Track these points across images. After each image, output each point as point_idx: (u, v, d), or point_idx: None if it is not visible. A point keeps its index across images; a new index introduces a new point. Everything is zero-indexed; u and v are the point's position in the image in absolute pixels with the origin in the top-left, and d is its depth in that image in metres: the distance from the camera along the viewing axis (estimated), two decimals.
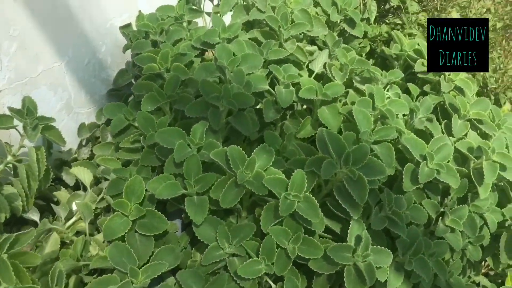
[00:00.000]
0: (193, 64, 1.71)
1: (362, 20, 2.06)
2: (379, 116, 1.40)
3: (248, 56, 1.53)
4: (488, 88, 2.22)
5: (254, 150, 1.22)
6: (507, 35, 2.44)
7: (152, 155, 1.38)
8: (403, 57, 1.85)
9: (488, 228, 1.45)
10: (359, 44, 2.09)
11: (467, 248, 1.46)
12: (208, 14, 1.98)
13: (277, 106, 1.48)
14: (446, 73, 1.72)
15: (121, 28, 1.84)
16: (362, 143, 1.27)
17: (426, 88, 1.75)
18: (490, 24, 2.45)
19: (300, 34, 1.77)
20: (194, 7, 1.91)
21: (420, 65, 1.74)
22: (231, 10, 1.85)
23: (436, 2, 2.14)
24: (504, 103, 2.13)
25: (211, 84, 1.36)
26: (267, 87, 1.51)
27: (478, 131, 1.64)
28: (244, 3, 1.83)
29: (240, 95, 1.35)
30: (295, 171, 1.17)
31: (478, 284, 1.68)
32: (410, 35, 2.04)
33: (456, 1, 2.15)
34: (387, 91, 1.53)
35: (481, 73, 2.12)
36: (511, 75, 2.23)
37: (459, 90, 1.72)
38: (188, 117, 1.40)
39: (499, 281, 1.74)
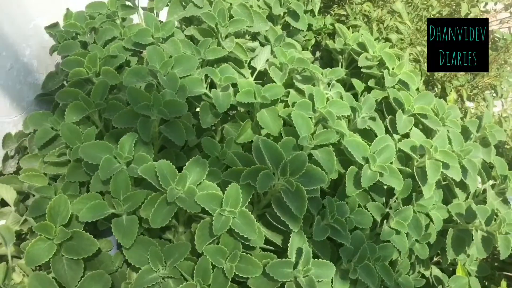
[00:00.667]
0: (129, 65, 1.60)
1: (306, 12, 1.98)
2: (320, 118, 1.33)
3: (182, 57, 1.42)
4: (434, 78, 2.19)
5: (186, 164, 1.13)
6: None
7: (80, 169, 1.26)
8: (347, 51, 1.79)
9: (433, 223, 1.41)
10: (304, 37, 2.02)
11: (414, 246, 1.43)
12: (145, 9, 1.86)
13: (215, 110, 1.38)
14: (390, 67, 1.67)
15: (47, 28, 1.68)
16: (301, 150, 1.20)
17: (371, 83, 1.70)
18: (435, 11, 2.43)
19: (240, 30, 1.68)
20: (127, 3, 1.78)
21: (364, 59, 1.69)
22: (167, 5, 1.73)
23: None
24: (450, 92, 2.11)
25: (140, 92, 1.25)
26: (204, 90, 1.41)
27: (423, 126, 1.61)
28: None
29: (172, 102, 1.25)
30: (229, 185, 1.09)
31: (428, 277, 1.66)
32: (354, 26, 1.98)
33: None
34: (329, 89, 1.47)
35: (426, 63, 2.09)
36: None
37: (404, 84, 1.67)
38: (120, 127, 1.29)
39: (451, 269, 1.73)
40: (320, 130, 1.29)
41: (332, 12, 2.08)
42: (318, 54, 2.15)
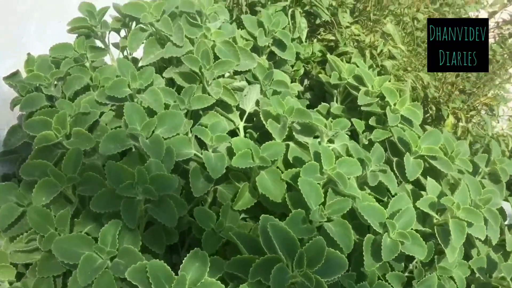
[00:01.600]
0: (104, 117, 1.39)
1: (293, 40, 1.80)
2: (329, 180, 1.16)
3: (166, 115, 1.22)
4: (429, 99, 2.05)
5: (184, 260, 0.94)
6: None
7: (53, 260, 1.05)
8: (342, 85, 1.62)
9: (457, 286, 1.27)
10: (292, 66, 1.84)
11: None
12: (116, 46, 1.65)
13: (207, 173, 1.19)
14: (391, 103, 1.51)
15: (6, 78, 1.45)
16: (311, 223, 1.02)
17: (372, 121, 1.53)
18: (421, 24, 2.28)
19: None
20: (97, 42, 1.57)
21: (364, 97, 1.52)
22: (143, 43, 1.53)
23: (369, 12, 1.92)
24: (447, 116, 1.97)
25: (121, 168, 1.05)
26: (193, 152, 1.22)
27: (432, 168, 1.46)
28: (158, 36, 1.51)
29: (160, 178, 1.05)
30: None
31: None
32: (345, 53, 1.81)
33: (388, 9, 1.94)
34: (333, 140, 1.30)
35: (423, 83, 1.93)
36: (450, 82, 2.07)
37: (407, 121, 1.52)
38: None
39: None
40: (331, 195, 1.12)
41: (319, 36, 1.90)
42: (307, 81, 1.97)
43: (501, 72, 2.13)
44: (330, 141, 1.28)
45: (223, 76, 1.49)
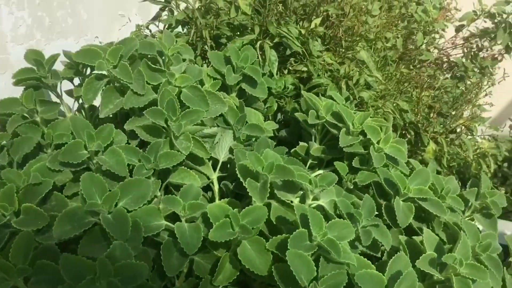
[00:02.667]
0: (60, 176, 1.21)
1: (263, 75, 1.67)
2: (319, 247, 1.02)
3: (130, 184, 1.06)
4: (407, 124, 1.95)
5: None
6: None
7: None
8: (320, 124, 1.49)
9: None
10: (264, 102, 1.70)
11: None
12: (69, 94, 1.48)
13: (181, 247, 1.04)
14: (375, 141, 1.40)
15: None
16: None
17: (355, 162, 1.41)
18: (390, 43, 2.20)
19: None
20: (48, 95, 1.40)
21: (345, 137, 1.39)
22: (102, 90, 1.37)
23: (341, 38, 1.81)
24: (428, 143, 1.88)
25: (79, 261, 0.89)
26: (164, 223, 1.06)
27: (423, 210, 1.35)
28: (117, 82, 1.35)
29: (126, 267, 0.89)
30: None
31: None
32: (319, 85, 1.69)
33: (359, 35, 1.83)
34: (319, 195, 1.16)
35: (399, 107, 1.83)
36: (426, 104, 1.98)
37: (392, 160, 1.41)
38: None
39: None
40: (323, 265, 0.98)
41: (290, 67, 1.78)
42: (281, 115, 1.84)
43: (476, 91, 2.06)
44: (315, 198, 1.15)
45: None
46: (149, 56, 1.44)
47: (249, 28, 1.75)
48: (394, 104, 1.73)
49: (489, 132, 2.23)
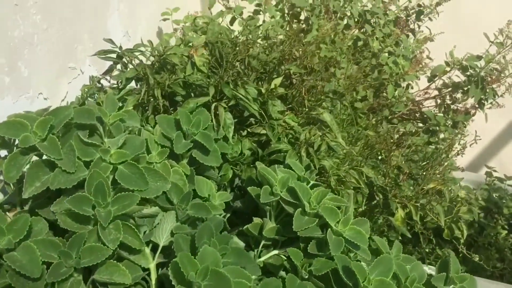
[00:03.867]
0: None
1: (217, 140, 1.53)
2: None
3: None
4: (374, 188, 1.81)
5: None
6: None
7: None
8: (274, 201, 1.35)
9: None
10: (219, 168, 1.55)
11: None
12: None
13: None
14: (333, 225, 1.25)
15: None
16: None
17: (311, 247, 1.26)
18: (360, 96, 2.10)
19: None
20: None
21: (299, 221, 1.25)
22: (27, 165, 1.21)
23: (303, 98, 1.68)
24: (396, 209, 1.74)
25: None
26: None
27: None
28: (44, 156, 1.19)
29: None
30: None
31: None
32: (279, 151, 1.55)
33: (324, 93, 1.71)
34: None
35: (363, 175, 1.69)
36: (395, 165, 1.85)
37: (351, 245, 1.26)
38: None
39: None
40: None
41: (249, 129, 1.64)
42: (238, 180, 1.69)
43: (449, 150, 1.95)
44: None
45: None
46: (87, 124, 1.29)
47: (206, 88, 1.61)
48: (359, 171, 1.60)
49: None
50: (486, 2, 3.00)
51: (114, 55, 1.67)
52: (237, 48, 1.62)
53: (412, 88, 2.46)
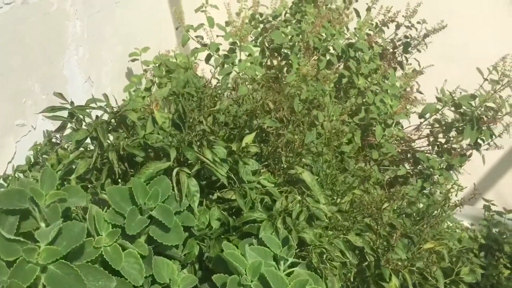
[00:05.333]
0: None
1: (178, 213, 1.30)
2: None
3: None
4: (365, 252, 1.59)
5: None
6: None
7: None
8: None
9: None
10: (183, 245, 1.33)
11: None
12: None
13: None
14: None
15: None
16: None
17: None
18: (346, 138, 1.91)
19: None
20: None
21: None
22: None
23: (280, 154, 1.47)
24: (390, 277, 1.52)
25: None
26: None
27: None
28: None
29: None
30: None
31: None
32: (253, 222, 1.33)
33: (302, 149, 1.50)
34: None
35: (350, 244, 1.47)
36: (387, 223, 1.63)
37: None
38: None
39: None
40: None
41: (219, 193, 1.42)
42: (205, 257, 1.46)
43: (447, 202, 1.73)
44: None
45: None
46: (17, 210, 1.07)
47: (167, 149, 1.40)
48: (345, 240, 1.38)
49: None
50: (475, 32, 2.83)
51: (65, 113, 1.45)
52: (203, 102, 1.41)
53: (402, 127, 2.27)
